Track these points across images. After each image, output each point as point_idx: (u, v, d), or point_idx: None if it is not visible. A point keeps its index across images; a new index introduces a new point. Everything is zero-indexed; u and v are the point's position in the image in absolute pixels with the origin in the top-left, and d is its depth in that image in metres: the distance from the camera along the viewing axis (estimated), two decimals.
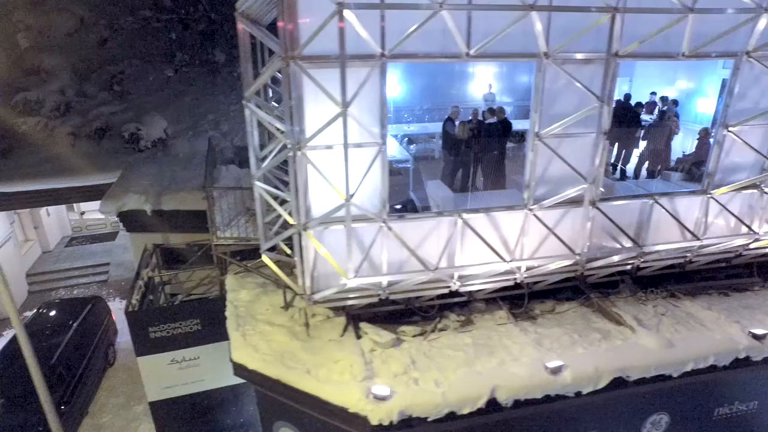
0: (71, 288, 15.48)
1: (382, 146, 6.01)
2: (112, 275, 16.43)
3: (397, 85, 14.11)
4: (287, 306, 7.62)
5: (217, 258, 8.69)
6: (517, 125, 10.68)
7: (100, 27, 16.41)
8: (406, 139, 11.95)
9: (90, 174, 13.24)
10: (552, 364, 6.19)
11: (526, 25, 5.71)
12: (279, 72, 5.90)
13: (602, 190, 6.86)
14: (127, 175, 12.34)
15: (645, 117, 12.06)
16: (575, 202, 6.89)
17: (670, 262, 7.97)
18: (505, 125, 9.55)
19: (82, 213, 19.48)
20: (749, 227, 7.60)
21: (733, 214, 7.54)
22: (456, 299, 7.52)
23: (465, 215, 6.56)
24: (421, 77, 14.23)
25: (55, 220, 17.91)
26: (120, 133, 14.06)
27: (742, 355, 6.81)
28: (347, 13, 5.13)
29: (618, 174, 11.78)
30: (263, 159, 6.93)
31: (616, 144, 11.66)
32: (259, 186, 6.43)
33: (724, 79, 11.34)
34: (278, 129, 6.05)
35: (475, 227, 6.68)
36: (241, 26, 5.78)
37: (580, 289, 8.08)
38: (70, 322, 11.67)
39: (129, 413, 10.95)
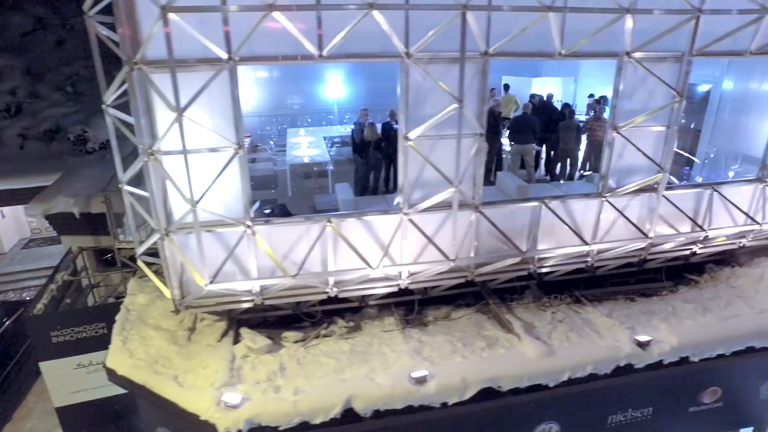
0: (21, 291, 15.56)
1: (239, 150, 5.91)
2: None
3: (341, 86, 14.08)
4: (177, 310, 7.56)
5: (122, 262, 8.66)
6: None
7: (57, 27, 16.49)
8: (330, 141, 11.84)
9: (33, 176, 13.30)
10: (417, 374, 6.05)
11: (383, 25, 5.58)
12: None
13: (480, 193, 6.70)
14: (65, 178, 12.36)
15: (582, 118, 11.88)
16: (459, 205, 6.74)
17: (570, 267, 7.77)
18: None
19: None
20: (641, 230, 7.38)
21: (625, 217, 7.32)
22: (344, 305, 7.42)
23: (335, 220, 6.43)
24: (365, 78, 14.15)
25: (11, 221, 17.91)
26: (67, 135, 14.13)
27: (622, 363, 6.61)
28: (175, 17, 5.03)
29: (549, 176, 11.64)
30: None
31: (544, 145, 11.52)
32: (127, 190, 6.36)
33: None
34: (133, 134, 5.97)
35: (350, 232, 6.57)
36: (92, 30, 5.69)
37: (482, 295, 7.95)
38: None
39: (55, 418, 10.95)
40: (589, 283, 8.39)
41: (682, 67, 6.66)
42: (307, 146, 11.44)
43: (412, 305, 7.73)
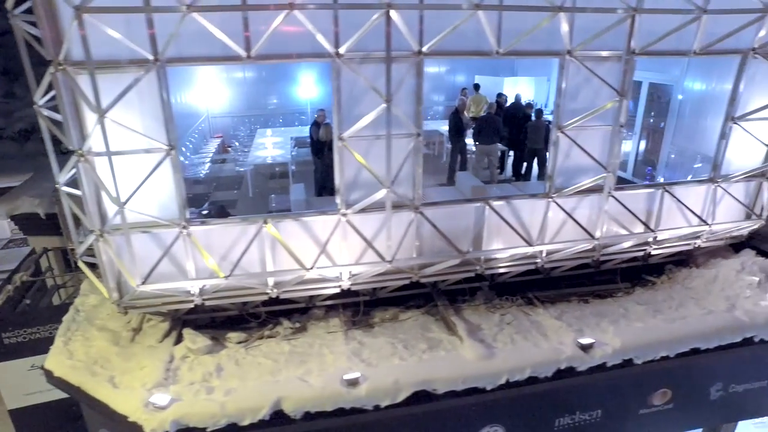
0: None
1: (171, 151, 5.89)
2: None
3: (314, 86, 14.08)
4: (126, 311, 7.55)
5: (74, 263, 8.64)
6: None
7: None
8: (296, 141, 11.83)
9: (6, 176, 13.34)
10: (349, 376, 6.01)
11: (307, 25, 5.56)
12: None
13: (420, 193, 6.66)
14: (36, 178, 12.38)
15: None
16: (397, 206, 6.71)
17: (521, 268, 7.72)
18: None
19: None
20: (587, 231, 7.31)
21: (572, 218, 7.27)
22: (290, 306, 7.40)
23: (271, 221, 6.40)
24: None
25: None
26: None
27: (563, 366, 6.55)
28: (91, 18, 5.01)
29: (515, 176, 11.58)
30: None
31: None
32: (64, 190, 6.35)
33: None
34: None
35: (289, 233, 6.54)
36: (17, 30, 5.68)
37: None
38: None
39: (8, 420, 10.91)
40: (546, 285, 8.35)
41: (623, 66, 6.60)
42: (272, 147, 11.43)
43: (362, 306, 7.71)
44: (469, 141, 11.42)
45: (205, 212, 7.28)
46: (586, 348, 6.65)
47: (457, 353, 6.60)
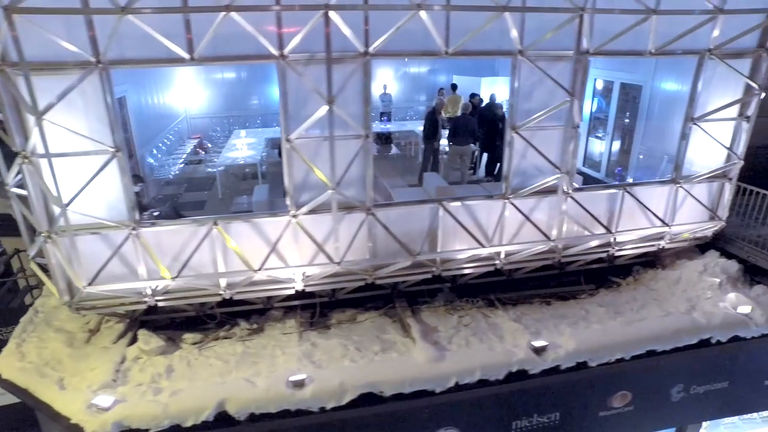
0: None
1: (117, 153, 5.89)
2: None
3: None
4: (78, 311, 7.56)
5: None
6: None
7: None
8: (270, 142, 11.83)
9: None
10: (295, 378, 6.00)
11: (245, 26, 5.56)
12: None
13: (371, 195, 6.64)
14: None
15: None
16: (349, 208, 6.70)
17: (480, 270, 7.69)
18: None
19: None
20: (543, 232, 7.28)
21: (528, 219, 7.23)
22: (248, 307, 7.40)
23: (221, 222, 6.40)
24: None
25: None
26: None
27: (514, 369, 6.51)
28: (23, 18, 5.01)
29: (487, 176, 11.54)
30: None
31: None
32: (14, 192, 6.36)
33: (594, 79, 11.01)
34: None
35: (240, 234, 6.54)
36: None
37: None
38: None
39: None
40: (510, 287, 8.31)
41: (573, 66, 6.56)
42: (246, 147, 11.43)
43: (321, 307, 7.69)
44: (444, 141, 11.40)
45: (156, 213, 7.25)
46: (539, 351, 6.62)
47: (409, 355, 6.58)
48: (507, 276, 8.26)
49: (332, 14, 5.56)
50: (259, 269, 6.39)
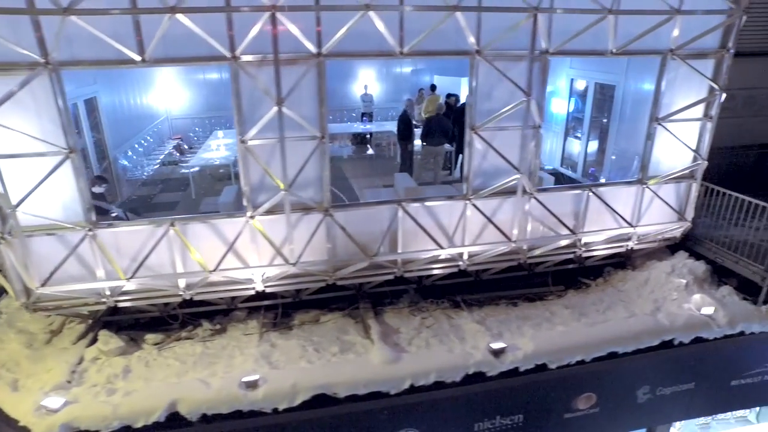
0: None
1: (69, 154, 5.89)
2: None
3: None
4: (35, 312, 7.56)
5: None
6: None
7: None
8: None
9: None
10: (248, 378, 5.99)
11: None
12: None
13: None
14: None
15: None
16: (306, 209, 6.69)
17: (445, 271, 7.66)
18: None
19: None
20: (503, 233, 7.25)
21: (489, 220, 7.20)
22: (211, 308, 7.40)
23: (178, 223, 6.40)
24: None
25: None
26: None
27: (471, 371, 6.48)
28: None
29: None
30: None
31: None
32: None
33: (572, 79, 10.96)
34: None
35: (198, 235, 6.54)
36: None
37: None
38: None
39: None
40: (478, 288, 8.28)
41: (528, 65, 6.52)
42: (224, 148, 11.43)
43: (286, 307, 7.69)
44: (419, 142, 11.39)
45: (114, 214, 7.26)
46: (497, 353, 6.58)
47: (366, 357, 6.56)
48: (475, 277, 8.24)
49: (280, 16, 5.54)
50: (214, 270, 6.39)
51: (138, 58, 5.63)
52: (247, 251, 6.73)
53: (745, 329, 7.21)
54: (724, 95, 7.31)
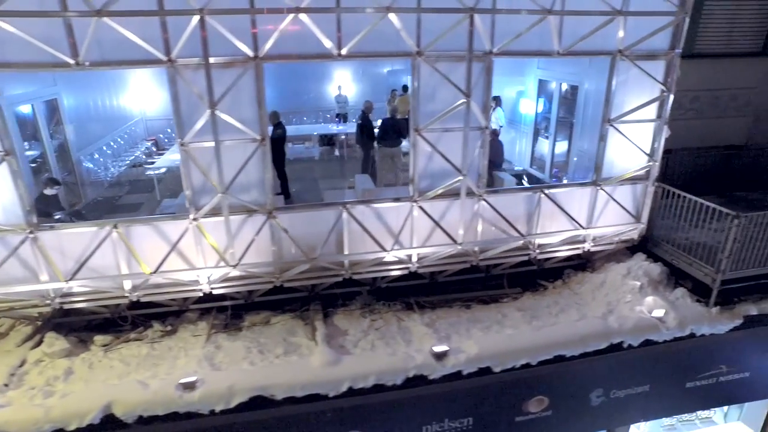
0: None
1: (5, 157, 5.92)
2: None
3: None
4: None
5: None
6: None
7: None
8: None
9: None
10: (185, 380, 5.99)
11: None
12: None
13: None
14: None
15: None
16: (250, 211, 6.69)
17: (396, 273, 7.64)
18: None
19: None
20: (449, 235, 7.21)
21: (435, 222, 7.17)
22: (163, 309, 7.41)
23: (122, 225, 6.41)
24: (282, 80, 14.23)
25: None
26: None
27: (412, 374, 6.46)
28: None
29: None
30: None
31: None
32: None
33: (540, 80, 10.91)
34: None
35: (144, 237, 6.56)
36: None
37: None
38: None
39: None
40: (434, 290, 8.25)
41: (467, 66, 6.48)
42: None
43: (238, 309, 7.68)
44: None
45: (57, 216, 7.29)
46: (439, 356, 6.55)
47: (307, 359, 6.55)
48: (429, 279, 8.21)
49: (209, 18, 5.54)
50: (155, 272, 6.39)
51: (72, 61, 5.64)
52: (192, 253, 6.74)
53: (695, 331, 7.14)
54: (672, 96, 7.24)
